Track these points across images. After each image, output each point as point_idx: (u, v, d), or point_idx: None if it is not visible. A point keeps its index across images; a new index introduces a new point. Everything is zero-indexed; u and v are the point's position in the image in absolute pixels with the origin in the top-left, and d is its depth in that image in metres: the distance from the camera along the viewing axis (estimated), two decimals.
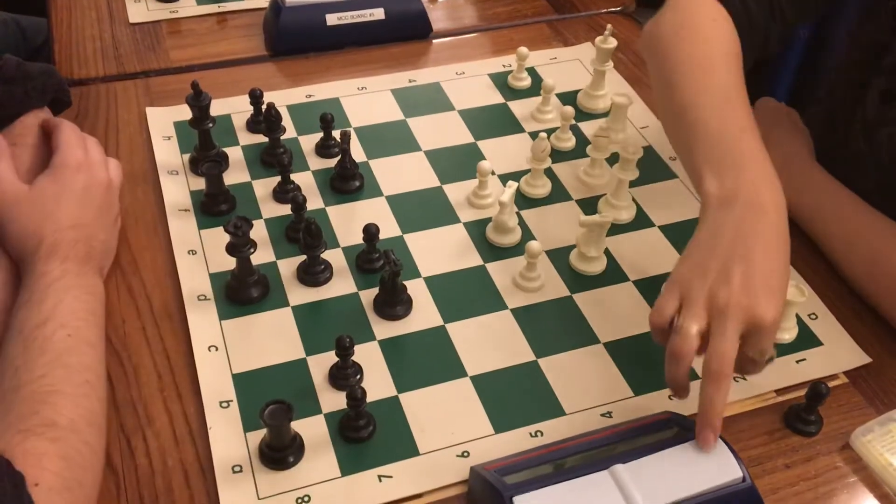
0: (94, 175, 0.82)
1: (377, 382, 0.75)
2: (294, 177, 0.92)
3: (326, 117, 0.94)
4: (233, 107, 1.03)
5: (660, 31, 0.85)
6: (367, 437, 0.71)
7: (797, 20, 0.89)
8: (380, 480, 0.68)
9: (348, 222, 0.90)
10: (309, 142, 0.99)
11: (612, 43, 1.04)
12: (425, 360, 0.77)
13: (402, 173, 0.96)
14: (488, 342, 0.79)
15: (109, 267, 0.82)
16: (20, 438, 0.60)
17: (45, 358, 0.66)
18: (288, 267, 0.85)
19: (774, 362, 0.73)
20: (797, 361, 0.79)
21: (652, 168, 0.98)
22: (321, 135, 0.97)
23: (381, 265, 0.84)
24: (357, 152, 0.98)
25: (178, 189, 0.92)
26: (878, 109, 0.90)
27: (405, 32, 1.16)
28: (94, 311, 0.73)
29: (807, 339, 0.81)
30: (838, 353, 0.80)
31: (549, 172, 0.96)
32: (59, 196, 0.78)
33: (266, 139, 0.95)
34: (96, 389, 0.68)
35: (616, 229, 0.90)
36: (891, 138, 0.89)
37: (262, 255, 0.85)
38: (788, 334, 0.80)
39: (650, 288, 0.85)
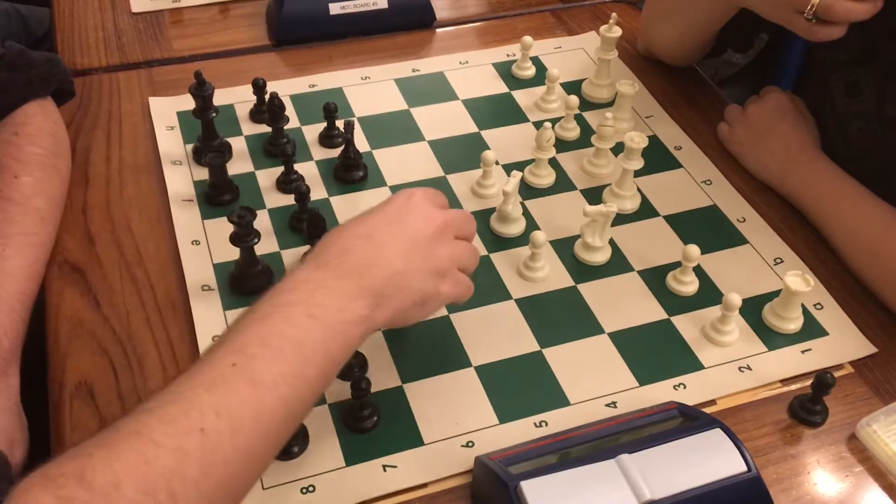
0: None
1: (381, 373, 0.75)
2: (297, 167, 0.92)
3: (330, 107, 0.94)
4: (236, 97, 1.02)
5: None
6: (372, 427, 0.71)
7: None
8: (384, 470, 0.68)
9: (352, 212, 0.88)
10: (312, 132, 0.99)
11: (617, 32, 1.03)
12: (430, 351, 0.77)
13: (405, 163, 0.96)
14: (492, 332, 0.79)
15: None
16: (41, 485, 0.47)
17: (189, 382, 0.53)
18: (292, 257, 0.84)
19: None
20: (803, 352, 0.78)
21: (657, 158, 0.97)
22: (324, 124, 0.97)
23: None
24: (361, 142, 0.97)
25: (181, 179, 0.92)
26: (846, 103, 0.91)
27: (408, 21, 1.16)
28: (302, 342, 0.57)
29: (812, 329, 0.80)
30: (844, 343, 0.79)
31: (554, 162, 0.95)
32: None
33: (269, 129, 0.95)
34: (206, 442, 0.50)
35: (621, 219, 0.89)
36: (861, 131, 0.90)
37: (265, 246, 0.84)
38: (794, 324, 0.80)
39: (655, 278, 0.84)
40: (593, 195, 0.93)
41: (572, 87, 1.07)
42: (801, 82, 1.02)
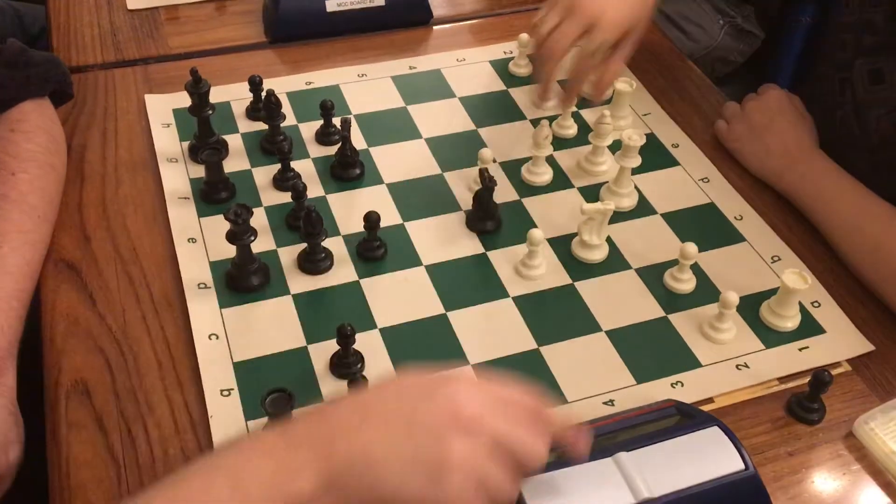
0: None
1: (379, 371, 0.75)
2: (294, 164, 0.92)
3: (326, 104, 0.94)
4: (232, 94, 1.02)
5: None
6: None
7: None
8: None
9: (349, 210, 0.89)
10: (309, 129, 0.98)
11: None
12: (427, 349, 0.77)
13: (402, 161, 0.96)
14: (490, 330, 0.79)
15: None
16: None
17: None
18: (288, 255, 0.84)
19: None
20: (800, 349, 0.78)
21: (654, 155, 0.97)
22: (321, 122, 0.97)
23: (382, 253, 0.84)
24: (357, 140, 0.97)
25: (177, 177, 0.91)
26: (868, 90, 0.90)
27: (405, 19, 1.15)
28: None
29: (809, 326, 0.80)
30: (841, 341, 0.79)
31: (551, 160, 0.95)
32: None
33: (266, 126, 0.94)
34: None
35: (618, 217, 0.89)
36: (880, 120, 0.89)
37: (262, 244, 0.84)
38: (791, 322, 0.80)
39: (652, 275, 0.84)
40: (591, 193, 0.93)
41: None
42: (802, 77, 1.01)
